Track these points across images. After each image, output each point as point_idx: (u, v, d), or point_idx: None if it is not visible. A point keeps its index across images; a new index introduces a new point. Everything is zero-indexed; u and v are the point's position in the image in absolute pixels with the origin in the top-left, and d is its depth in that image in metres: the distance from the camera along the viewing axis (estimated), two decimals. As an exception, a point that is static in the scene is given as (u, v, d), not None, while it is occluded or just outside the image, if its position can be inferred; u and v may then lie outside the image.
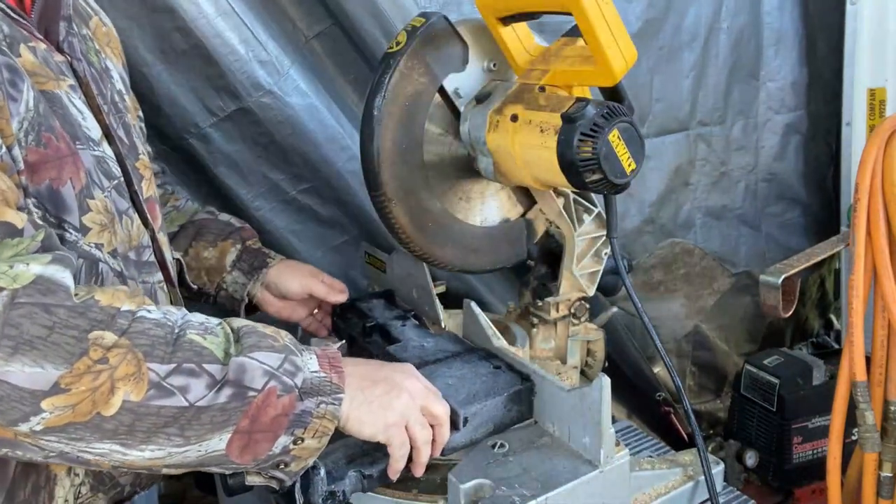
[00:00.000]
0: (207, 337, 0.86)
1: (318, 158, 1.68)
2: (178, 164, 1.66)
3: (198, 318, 0.89)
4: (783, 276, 1.60)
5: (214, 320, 0.90)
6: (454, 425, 1.04)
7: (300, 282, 1.38)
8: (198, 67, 1.55)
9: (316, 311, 1.46)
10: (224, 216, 1.45)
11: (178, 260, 1.31)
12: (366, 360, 1.05)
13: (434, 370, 1.14)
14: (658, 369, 2.16)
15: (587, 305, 1.39)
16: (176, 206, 1.44)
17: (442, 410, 1.00)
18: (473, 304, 1.28)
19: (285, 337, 0.93)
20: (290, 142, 1.66)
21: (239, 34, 1.54)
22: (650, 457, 1.18)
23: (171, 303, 1.16)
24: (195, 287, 1.38)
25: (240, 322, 0.92)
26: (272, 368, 0.87)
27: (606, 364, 1.44)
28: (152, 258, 1.11)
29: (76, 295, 0.79)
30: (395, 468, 0.99)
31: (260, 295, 1.39)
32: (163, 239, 1.16)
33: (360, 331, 1.34)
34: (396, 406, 0.96)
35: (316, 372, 0.91)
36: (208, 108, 1.60)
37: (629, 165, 1.08)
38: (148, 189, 1.13)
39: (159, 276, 1.13)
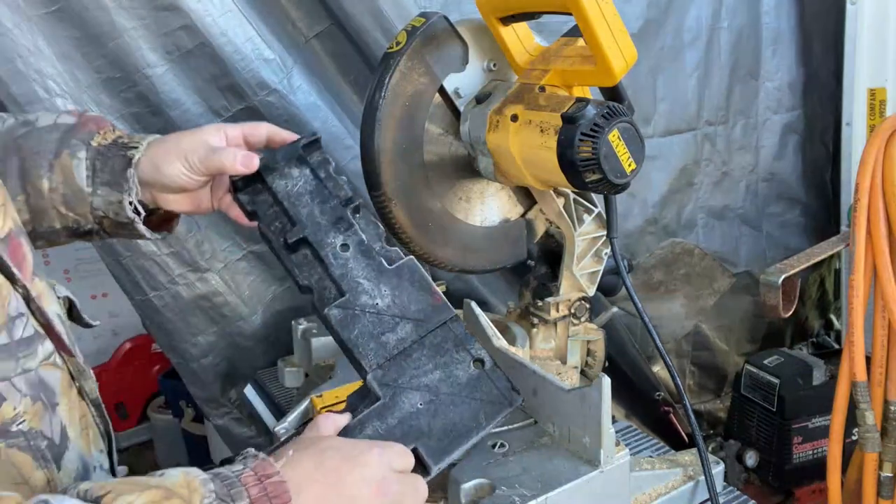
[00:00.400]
0: None
1: None
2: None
3: None
4: (783, 276, 1.60)
5: None
6: (425, 472, 0.86)
7: (188, 162, 0.95)
8: (202, 67, 1.55)
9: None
10: (46, 119, 0.99)
11: (66, 298, 0.93)
12: (314, 460, 0.76)
13: (398, 374, 0.90)
14: (658, 369, 2.16)
15: (587, 305, 1.39)
16: None
17: (422, 499, 0.82)
18: (473, 304, 1.28)
19: (200, 489, 0.67)
20: (294, 142, 1.65)
21: (243, 32, 1.54)
22: (650, 457, 1.18)
23: (71, 377, 0.83)
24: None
25: (129, 494, 0.64)
26: None
27: (606, 364, 1.44)
28: (32, 327, 0.77)
29: None
30: None
31: (152, 199, 1.00)
32: (41, 287, 0.80)
33: (278, 235, 0.98)
34: None
35: None
36: (212, 108, 1.59)
37: (629, 165, 1.08)
38: (4, 222, 0.77)
39: (46, 346, 0.78)
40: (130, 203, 0.97)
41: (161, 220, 1.06)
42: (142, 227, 1.00)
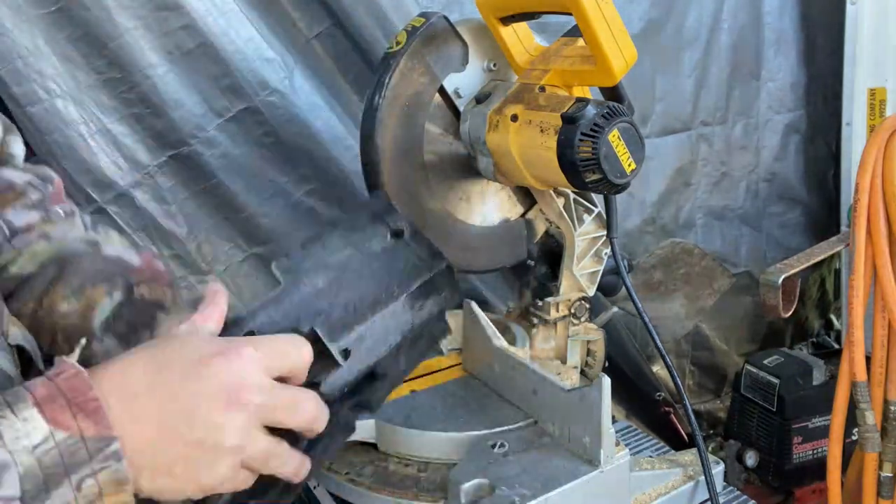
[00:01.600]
0: None
1: (323, 158, 1.67)
2: (180, 173, 1.63)
3: None
4: (783, 276, 1.60)
5: None
6: (332, 363, 0.71)
7: None
8: (204, 67, 1.54)
9: None
10: (113, 249, 0.87)
11: (16, 346, 0.77)
12: (150, 367, 0.61)
13: (304, 258, 0.76)
14: (658, 369, 2.16)
15: (587, 305, 1.39)
16: (45, 233, 0.86)
17: (304, 418, 0.65)
18: (473, 304, 1.28)
19: None
20: (295, 141, 1.64)
21: (245, 32, 1.53)
22: (650, 457, 1.18)
23: None
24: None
25: None
26: None
27: (606, 364, 1.44)
28: None
29: None
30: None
31: None
32: None
33: None
34: (218, 470, 0.61)
35: (43, 442, 0.53)
36: (214, 108, 1.58)
37: (629, 165, 1.08)
38: None
39: None
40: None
41: None
42: None
